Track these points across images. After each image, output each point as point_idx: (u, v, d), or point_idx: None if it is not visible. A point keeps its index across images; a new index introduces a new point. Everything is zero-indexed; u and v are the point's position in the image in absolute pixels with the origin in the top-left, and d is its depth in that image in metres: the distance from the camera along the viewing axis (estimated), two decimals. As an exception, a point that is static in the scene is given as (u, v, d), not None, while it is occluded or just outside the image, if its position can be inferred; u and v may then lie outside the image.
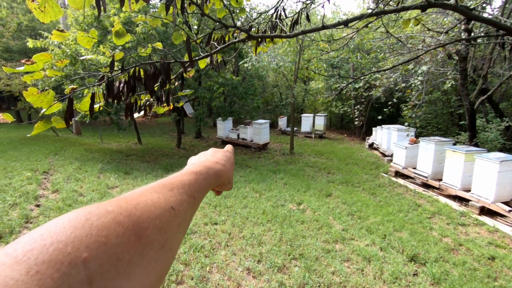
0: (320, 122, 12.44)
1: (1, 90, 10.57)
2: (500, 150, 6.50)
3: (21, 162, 6.56)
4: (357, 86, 10.91)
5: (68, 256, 0.20)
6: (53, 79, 7.11)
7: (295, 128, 12.01)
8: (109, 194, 4.95)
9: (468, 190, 4.91)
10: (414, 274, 3.00)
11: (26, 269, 0.18)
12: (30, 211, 4.08)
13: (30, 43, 6.92)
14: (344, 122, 15.82)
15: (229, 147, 0.62)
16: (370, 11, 1.62)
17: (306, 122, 12.92)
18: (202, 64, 1.91)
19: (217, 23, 1.29)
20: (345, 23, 1.49)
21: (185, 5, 1.12)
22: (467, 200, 4.86)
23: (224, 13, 2.13)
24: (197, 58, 1.33)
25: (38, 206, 4.32)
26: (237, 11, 2.08)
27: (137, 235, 0.25)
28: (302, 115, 13.58)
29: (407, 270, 3.03)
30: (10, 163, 6.41)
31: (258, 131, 9.52)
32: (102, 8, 0.95)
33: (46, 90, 0.94)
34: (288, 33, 1.55)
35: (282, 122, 14.11)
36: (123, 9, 1.02)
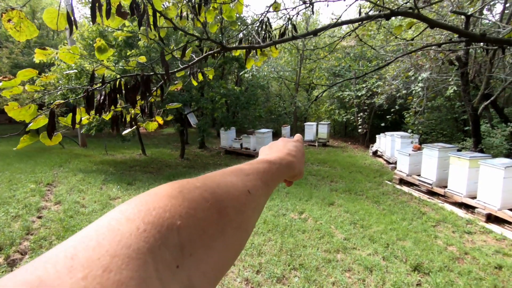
0: (324, 130, 12.40)
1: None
2: (507, 156, 6.37)
3: (26, 174, 6.65)
4: (359, 94, 10.91)
5: (166, 221, 0.22)
6: (58, 93, 7.27)
7: (298, 137, 11.93)
8: (110, 205, 4.97)
9: (474, 197, 4.80)
10: (417, 284, 2.91)
11: (136, 226, 0.21)
12: (32, 223, 4.11)
13: (37, 59, 7.12)
14: (347, 130, 15.74)
15: (298, 136, 0.63)
16: (346, 20, 1.64)
17: (310, 130, 12.89)
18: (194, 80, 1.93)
19: (190, 36, 1.32)
20: (314, 32, 1.52)
21: (157, 21, 1.15)
22: (473, 208, 4.75)
23: (216, 28, 2.17)
24: (175, 70, 1.36)
25: (40, 217, 4.36)
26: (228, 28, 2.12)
27: (219, 212, 0.27)
28: (305, 123, 13.58)
29: (410, 280, 2.94)
30: (16, 176, 6.50)
31: (261, 140, 9.53)
32: (74, 25, 0.98)
33: (27, 104, 0.96)
34: (261, 44, 1.57)
35: (286, 131, 14.09)
36: (104, 23, 1.05)
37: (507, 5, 5.73)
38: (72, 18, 0.95)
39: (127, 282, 0.17)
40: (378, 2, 1.74)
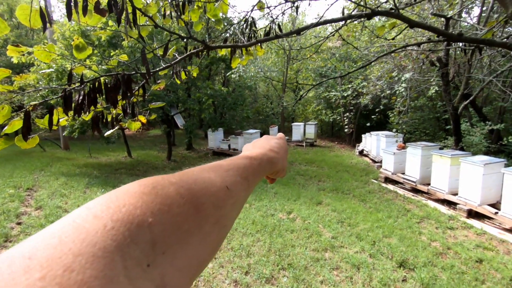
0: (311, 130, 12.51)
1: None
2: (486, 153, 6.61)
3: (4, 179, 6.38)
4: (345, 95, 11.08)
5: (136, 218, 0.22)
6: (38, 94, 7.03)
7: (286, 137, 12.04)
8: (94, 209, 4.83)
9: (456, 194, 4.95)
10: (403, 280, 2.97)
11: (103, 224, 0.20)
12: (11, 230, 3.94)
13: (15, 59, 6.86)
14: (334, 130, 15.95)
15: (281, 135, 0.63)
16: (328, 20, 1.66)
17: (297, 130, 12.98)
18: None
19: (173, 35, 1.30)
20: (298, 31, 1.53)
21: (136, 18, 1.12)
22: (455, 204, 4.90)
23: (201, 26, 2.14)
24: (157, 69, 1.33)
25: (19, 224, 4.18)
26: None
27: (195, 208, 0.27)
28: (292, 124, 13.66)
29: (396, 276, 3.00)
30: (-7, 181, 6.23)
31: (249, 141, 9.47)
32: (48, 21, 0.94)
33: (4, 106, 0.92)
34: (244, 43, 1.57)
35: (273, 131, 14.13)
36: (82, 21, 1.02)
37: (484, 8, 5.96)
38: (46, 13, 0.91)
39: (90, 282, 0.16)
40: (361, 2, 1.77)
